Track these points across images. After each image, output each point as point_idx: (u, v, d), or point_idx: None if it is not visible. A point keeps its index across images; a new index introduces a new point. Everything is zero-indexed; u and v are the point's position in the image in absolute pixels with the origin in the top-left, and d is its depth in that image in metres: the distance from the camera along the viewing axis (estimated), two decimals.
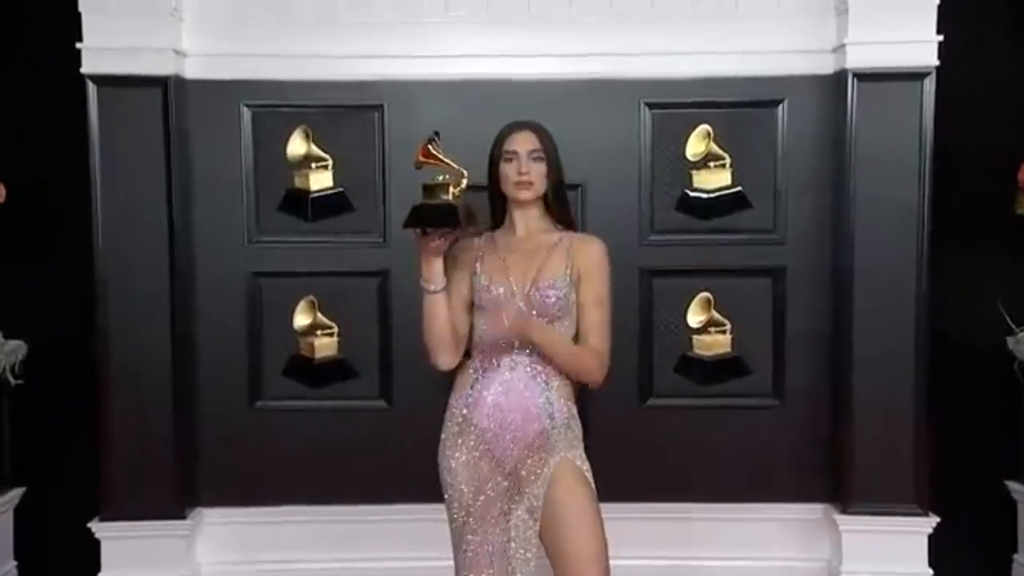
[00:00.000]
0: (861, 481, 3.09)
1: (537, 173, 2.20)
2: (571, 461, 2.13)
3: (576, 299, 2.19)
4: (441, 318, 2.14)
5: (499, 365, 2.17)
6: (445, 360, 2.19)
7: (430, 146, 2.07)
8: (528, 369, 2.16)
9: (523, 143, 2.20)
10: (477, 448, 2.16)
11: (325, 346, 3.21)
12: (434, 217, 2.07)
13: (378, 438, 3.22)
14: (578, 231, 2.32)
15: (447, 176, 2.10)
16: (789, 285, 3.20)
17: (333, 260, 3.22)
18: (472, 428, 2.16)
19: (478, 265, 2.21)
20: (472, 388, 2.19)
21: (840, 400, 3.15)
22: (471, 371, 2.20)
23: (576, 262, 2.20)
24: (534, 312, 2.16)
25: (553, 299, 2.16)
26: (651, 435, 3.20)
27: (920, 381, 3.08)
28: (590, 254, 2.22)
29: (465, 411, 2.18)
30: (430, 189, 2.06)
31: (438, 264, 2.12)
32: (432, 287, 2.14)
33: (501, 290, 2.17)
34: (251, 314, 3.22)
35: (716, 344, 3.22)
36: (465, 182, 2.09)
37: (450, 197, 2.08)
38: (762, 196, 3.20)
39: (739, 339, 3.24)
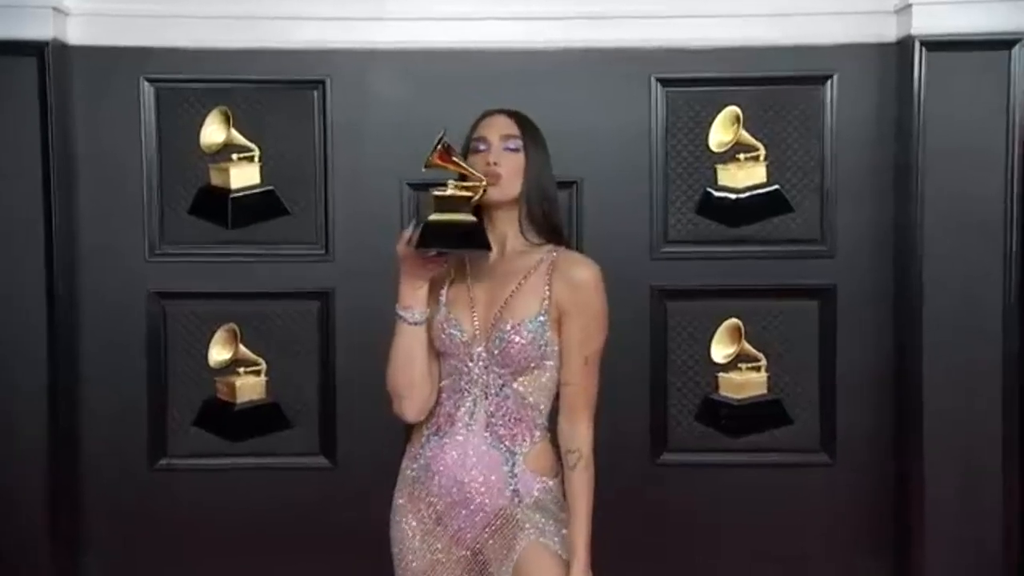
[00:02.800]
0: (933, 562, 3.00)
1: (510, 166, 2.07)
2: (544, 547, 2.06)
3: (559, 340, 2.09)
4: (419, 358, 2.08)
5: (453, 424, 2.09)
6: (414, 411, 2.11)
7: (446, 147, 2.00)
8: (487, 434, 2.07)
9: (495, 127, 2.12)
10: (430, 518, 2.12)
11: (249, 387, 3.15)
12: (457, 238, 1.99)
13: (317, 504, 3.16)
14: (571, 247, 2.19)
15: (465, 184, 2.02)
16: (840, 309, 3.14)
17: (260, 278, 3.15)
18: (424, 495, 2.12)
19: (443, 293, 2.14)
20: (423, 448, 2.13)
21: (906, 457, 3.08)
22: (424, 427, 2.14)
23: (555, 292, 2.06)
24: (494, 366, 2.06)
25: (518, 346, 2.03)
26: (665, 500, 3.15)
27: (1010, 432, 2.98)
28: (575, 281, 2.06)
29: (414, 474, 2.14)
30: (447, 201, 1.99)
31: (425, 288, 2.06)
32: (412, 317, 2.07)
33: (456, 333, 2.08)
34: (153, 347, 3.16)
35: (748, 384, 3.16)
36: (483, 192, 2.04)
37: (471, 212, 2.02)
38: (805, 196, 3.14)
39: (777, 378, 3.18)
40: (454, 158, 2.01)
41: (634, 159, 3.13)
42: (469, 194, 2.00)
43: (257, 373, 3.16)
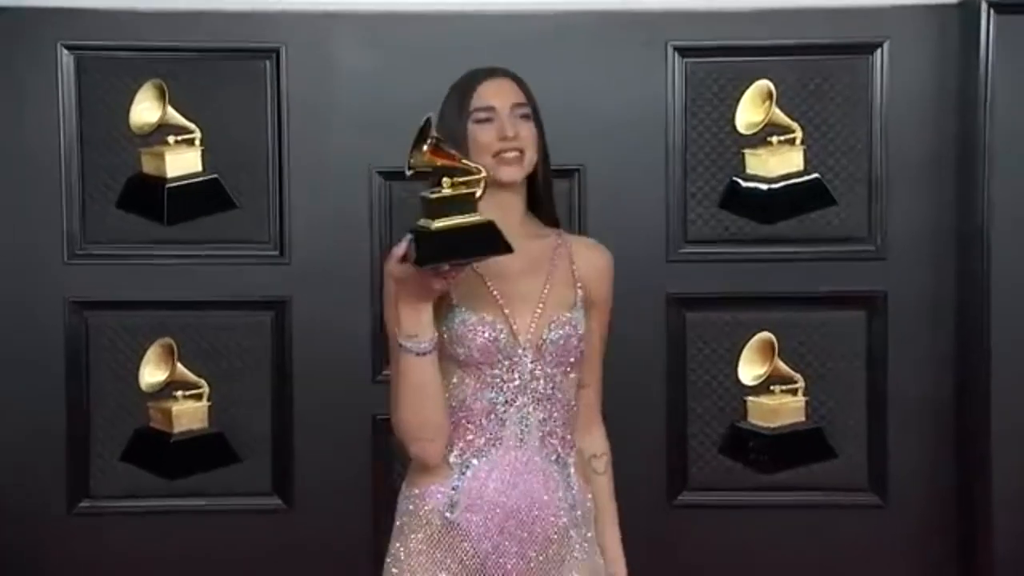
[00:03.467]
0: None
1: (527, 138, 2.08)
2: (596, 568, 2.15)
3: None
4: (435, 391, 2.05)
5: (500, 441, 2.07)
6: (439, 452, 2.07)
7: (438, 140, 1.94)
8: (543, 447, 2.08)
9: (502, 94, 2.09)
10: (467, 569, 2.03)
11: (189, 414, 3.12)
12: (472, 245, 1.96)
13: (271, 553, 3.12)
14: (562, 229, 2.20)
15: (467, 180, 1.97)
16: (892, 321, 3.11)
17: (202, 283, 3.11)
18: (461, 537, 2.06)
19: (454, 297, 2.06)
20: (459, 481, 2.06)
21: (971, 497, 3.06)
22: (453, 456, 2.07)
23: (584, 281, 2.14)
24: (545, 367, 2.08)
25: (575, 339, 2.09)
26: (683, 548, 3.14)
27: None
28: (598, 268, 2.18)
29: (450, 513, 2.06)
30: (447, 203, 1.96)
31: (430, 310, 2.01)
32: (421, 346, 2.01)
33: (499, 332, 2.06)
34: (72, 366, 3.12)
35: (782, 411, 3.13)
36: (484, 184, 1.99)
37: (477, 211, 1.99)
38: (850, 186, 3.10)
39: (817, 403, 3.14)
40: (446, 150, 1.96)
41: (647, 143, 3.09)
42: (472, 190, 1.96)
43: (198, 397, 3.13)
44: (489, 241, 1.96)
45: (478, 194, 1.96)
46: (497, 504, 2.07)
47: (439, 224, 1.94)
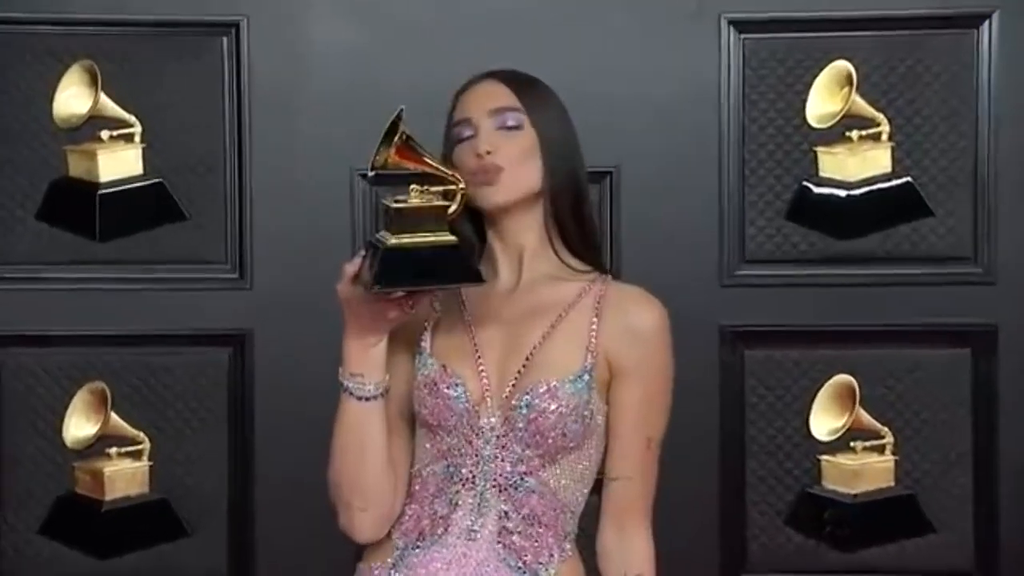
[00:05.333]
0: None
1: (511, 152, 2.00)
2: None
3: (607, 410, 2.04)
4: (373, 447, 2.00)
5: (447, 528, 2.00)
6: (370, 527, 2.02)
7: (407, 138, 1.94)
8: (499, 546, 1.99)
9: (478, 100, 2.04)
10: None
11: (125, 477, 3.03)
12: (429, 270, 1.92)
13: None
14: (611, 276, 2.13)
15: (436, 189, 1.96)
16: (1004, 360, 3.02)
17: (143, 314, 3.02)
18: None
19: (426, 337, 2.06)
20: (395, 569, 2.01)
21: None
22: (394, 536, 2.02)
23: (606, 340, 2.01)
24: (514, 445, 1.99)
25: (554, 417, 1.96)
26: None
27: None
28: (637, 328, 2.03)
29: None
30: (411, 216, 1.93)
31: (382, 346, 1.98)
32: (364, 389, 1.98)
33: (459, 392, 2.00)
34: None
35: (867, 473, 3.02)
36: (462, 197, 1.98)
37: (448, 229, 1.96)
38: (951, 193, 3.02)
39: (910, 463, 3.04)
40: (418, 151, 1.93)
41: (695, 140, 3.01)
42: (444, 203, 1.92)
43: (137, 455, 3.03)
44: (451, 267, 1.91)
45: (451, 209, 1.92)
46: None
47: (396, 240, 1.89)
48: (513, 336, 2.02)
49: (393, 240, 1.89)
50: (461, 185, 1.94)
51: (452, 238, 1.92)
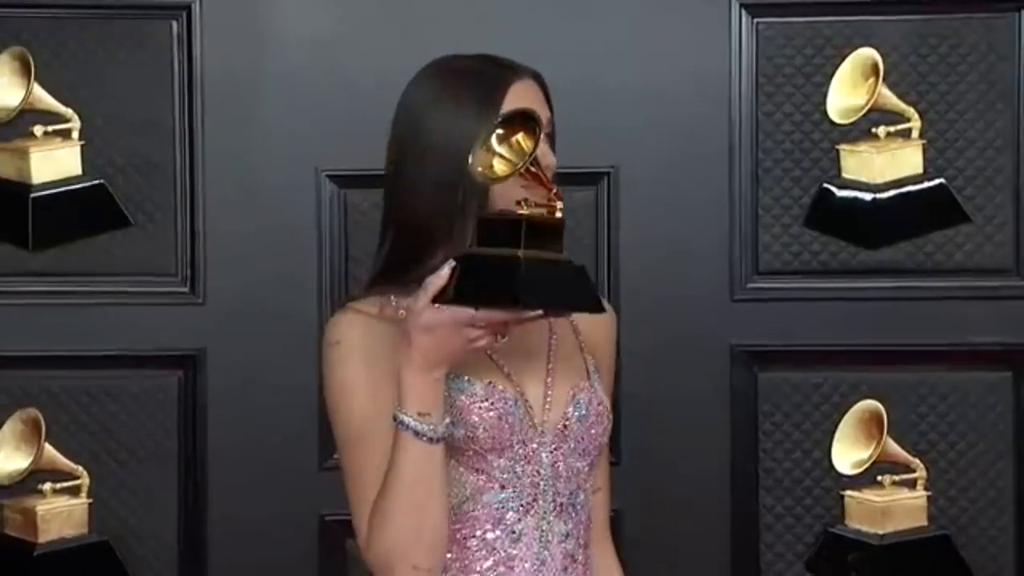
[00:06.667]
0: None
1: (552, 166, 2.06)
2: None
3: None
4: (442, 494, 1.98)
5: (512, 567, 1.99)
6: None
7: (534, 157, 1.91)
8: (565, 572, 2.01)
9: (540, 103, 2.02)
10: None
11: (61, 517, 2.98)
12: (566, 292, 1.92)
13: None
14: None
15: (540, 202, 1.94)
16: None
17: (82, 333, 2.97)
18: None
19: None
20: None
21: None
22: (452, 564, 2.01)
23: (587, 340, 2.11)
24: (568, 457, 2.03)
25: (606, 420, 2.04)
26: None
27: None
28: (605, 328, 2.15)
29: None
30: (549, 228, 1.94)
31: (443, 382, 1.96)
32: (436, 429, 1.95)
33: (516, 411, 2.02)
34: None
35: (896, 510, 2.99)
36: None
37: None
38: (990, 196, 2.98)
39: (945, 499, 3.00)
40: (543, 172, 1.92)
41: (702, 137, 2.97)
42: (562, 218, 1.93)
43: (74, 492, 2.97)
44: (583, 291, 1.91)
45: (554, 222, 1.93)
46: None
47: (534, 253, 1.85)
48: (521, 345, 2.03)
49: (531, 252, 1.87)
50: (560, 206, 1.90)
51: (572, 260, 1.93)
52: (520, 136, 1.90)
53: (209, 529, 2.97)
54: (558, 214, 1.90)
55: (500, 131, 1.88)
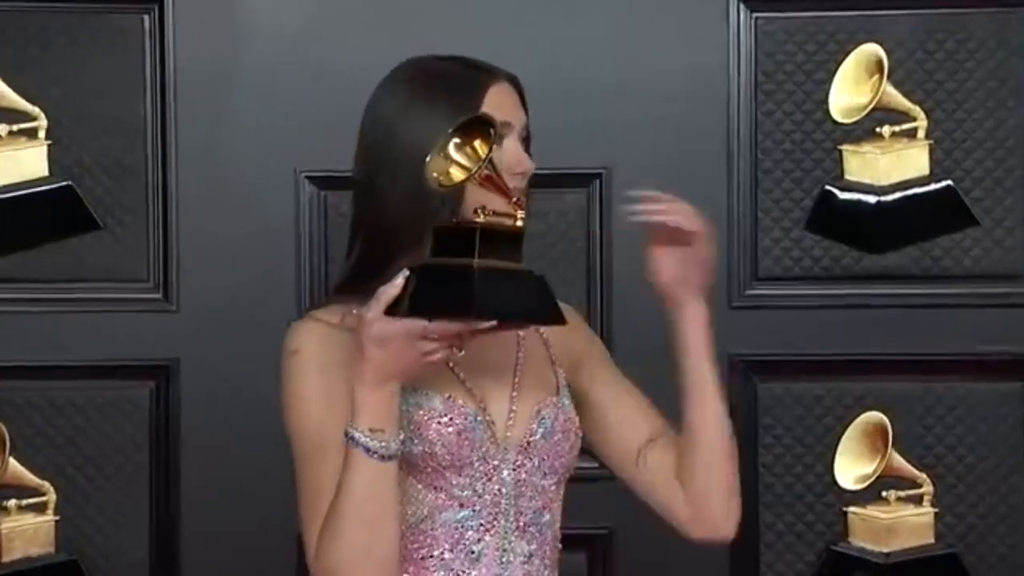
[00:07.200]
0: None
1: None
2: None
3: (587, 396, 2.14)
4: (393, 513, 1.97)
5: (474, 569, 1.99)
6: None
7: (491, 161, 1.93)
8: (526, 569, 2.01)
9: (517, 110, 2.06)
10: None
11: (26, 535, 2.98)
12: (526, 303, 1.95)
13: None
14: None
15: (499, 211, 1.97)
16: None
17: (49, 341, 2.97)
18: None
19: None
20: None
21: None
22: None
23: (559, 353, 2.12)
24: (532, 475, 2.03)
25: (573, 436, 2.05)
26: None
27: None
28: (574, 333, 2.16)
29: None
30: (506, 236, 1.95)
31: (398, 397, 1.96)
32: (389, 446, 1.94)
33: (477, 426, 2.02)
34: None
35: (901, 527, 2.99)
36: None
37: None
38: (999, 199, 2.98)
39: (953, 516, 2.99)
40: (501, 177, 1.93)
41: (700, 136, 2.97)
42: (521, 228, 1.94)
43: (40, 509, 2.96)
44: (543, 302, 1.91)
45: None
46: None
47: (489, 263, 1.86)
48: (485, 358, 2.02)
49: (484, 261, 1.87)
50: (521, 215, 1.92)
51: (532, 271, 1.93)
52: (477, 142, 1.90)
53: (182, 547, 2.96)
54: (518, 223, 1.90)
55: (457, 139, 1.89)
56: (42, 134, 2.97)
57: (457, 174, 1.89)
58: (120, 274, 2.96)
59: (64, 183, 2.96)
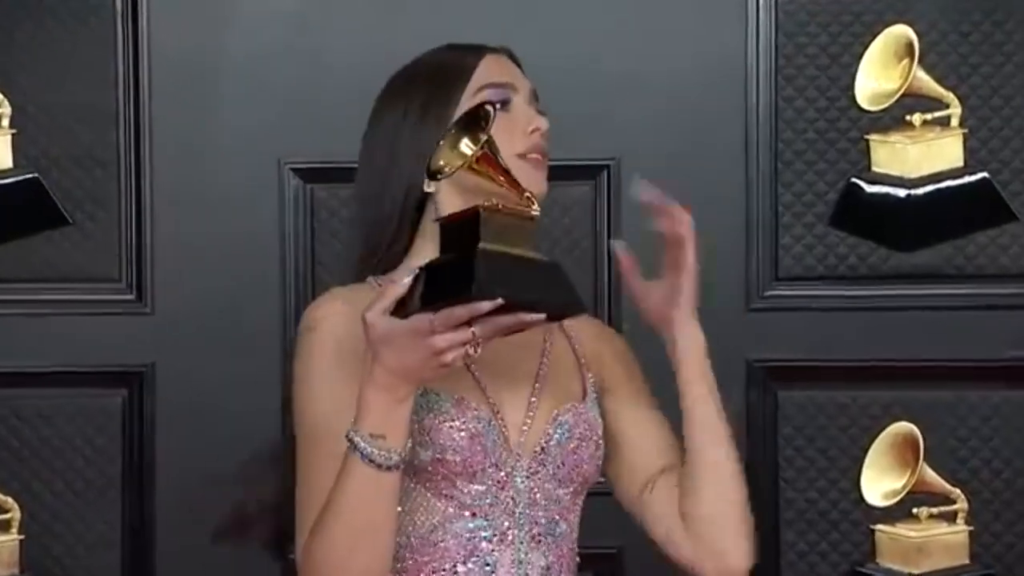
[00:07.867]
0: None
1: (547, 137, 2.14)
2: None
3: (613, 423, 2.15)
4: (390, 526, 1.98)
5: None
6: None
7: (491, 143, 1.98)
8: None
9: (514, 74, 2.12)
10: None
11: None
12: (536, 290, 1.95)
13: None
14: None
15: (508, 206, 2.00)
16: None
17: (14, 347, 2.99)
18: None
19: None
20: None
21: None
22: None
23: (587, 352, 2.15)
24: (546, 484, 2.05)
25: (594, 448, 2.08)
26: None
27: None
28: (615, 346, 2.22)
29: None
30: (501, 224, 1.98)
31: (409, 405, 1.97)
32: (390, 456, 1.94)
33: (487, 427, 2.04)
34: None
35: (933, 547, 2.99)
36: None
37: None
38: None
39: (990, 535, 2.99)
40: (499, 161, 1.98)
41: (715, 126, 2.99)
42: (535, 217, 1.97)
43: (4, 527, 2.99)
44: (552, 289, 1.92)
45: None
46: None
47: (493, 246, 1.87)
48: (507, 362, 2.03)
49: (490, 245, 1.87)
50: (535, 208, 1.93)
51: (549, 260, 1.94)
52: (481, 135, 1.94)
53: (157, 566, 2.97)
54: (534, 213, 1.91)
55: (463, 137, 1.91)
56: (6, 122, 2.96)
57: (458, 161, 1.91)
58: (90, 274, 2.96)
59: (30, 175, 2.96)
